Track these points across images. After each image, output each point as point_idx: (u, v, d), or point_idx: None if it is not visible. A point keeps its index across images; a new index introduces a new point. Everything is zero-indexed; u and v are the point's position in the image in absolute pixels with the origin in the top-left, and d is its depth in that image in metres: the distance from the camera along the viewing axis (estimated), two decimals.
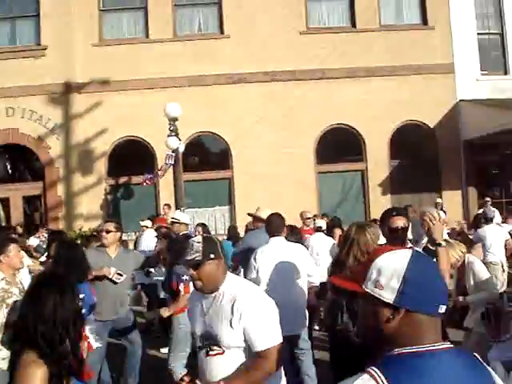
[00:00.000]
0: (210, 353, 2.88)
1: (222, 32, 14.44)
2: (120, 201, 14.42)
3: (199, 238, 2.95)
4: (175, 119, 11.66)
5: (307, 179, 14.01)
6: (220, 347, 2.84)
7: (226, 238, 10.75)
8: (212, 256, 2.86)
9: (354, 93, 14.06)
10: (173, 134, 11.66)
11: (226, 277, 2.96)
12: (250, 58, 14.06)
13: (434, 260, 3.07)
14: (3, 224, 14.29)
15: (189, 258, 2.88)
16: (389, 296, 1.49)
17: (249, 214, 7.47)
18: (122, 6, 14.57)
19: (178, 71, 13.94)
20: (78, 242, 9.61)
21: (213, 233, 12.99)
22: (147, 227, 11.38)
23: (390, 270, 1.51)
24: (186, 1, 14.59)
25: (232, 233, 10.90)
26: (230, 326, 2.80)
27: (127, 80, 13.91)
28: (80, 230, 13.26)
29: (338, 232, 9.24)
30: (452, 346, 1.50)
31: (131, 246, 12.28)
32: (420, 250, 1.67)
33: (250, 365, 2.80)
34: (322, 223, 9.91)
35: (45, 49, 14.04)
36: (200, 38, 14.37)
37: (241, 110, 13.96)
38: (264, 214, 6.49)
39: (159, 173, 12.29)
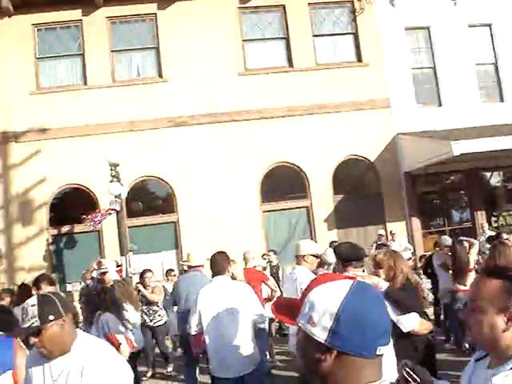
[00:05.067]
0: None
1: (160, 75, 15.54)
2: (63, 250, 15.09)
3: (33, 301, 2.79)
4: (116, 165, 12.55)
5: (253, 218, 15.08)
6: None
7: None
8: (51, 317, 2.73)
9: (295, 131, 15.35)
10: (114, 179, 12.53)
11: (76, 335, 2.87)
12: (190, 101, 15.17)
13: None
14: None
15: (25, 325, 2.74)
16: (320, 335, 1.45)
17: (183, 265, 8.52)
18: (59, 53, 15.51)
19: (118, 116, 14.93)
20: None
21: (160, 278, 13.85)
22: (92, 277, 12.03)
23: (322, 306, 1.46)
24: (123, 46, 15.65)
25: None
26: None
27: (66, 127, 14.79)
28: (23, 283, 13.81)
29: None
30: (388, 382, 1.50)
31: (76, 296, 12.97)
32: (364, 281, 1.60)
33: None
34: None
35: None
36: (139, 83, 15.44)
37: (183, 153, 15.01)
38: (195, 262, 7.62)
39: (100, 217, 12.99)
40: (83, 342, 2.84)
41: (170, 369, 10.04)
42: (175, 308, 9.51)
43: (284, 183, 15.58)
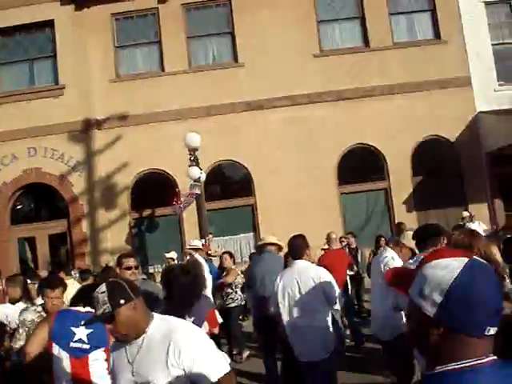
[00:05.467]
0: None
1: (236, 60, 15.66)
2: (145, 234, 15.53)
3: (102, 288, 2.81)
4: (195, 149, 12.75)
5: (330, 201, 15.05)
6: None
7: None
8: (122, 302, 2.75)
9: (372, 112, 15.15)
10: (194, 164, 12.74)
11: (150, 316, 2.89)
12: (266, 84, 15.21)
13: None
14: (30, 263, 15.47)
15: (98, 313, 2.78)
16: (429, 309, 1.47)
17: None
18: (136, 42, 15.88)
19: (195, 102, 15.16)
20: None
21: (238, 260, 14.03)
22: (173, 259, 12.23)
23: (435, 280, 1.47)
24: (198, 32, 15.85)
25: None
26: (167, 368, 2.70)
27: (145, 114, 15.16)
28: (107, 265, 14.30)
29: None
30: (495, 357, 1.47)
31: (158, 278, 13.29)
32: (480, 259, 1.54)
33: None
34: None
35: (63, 88, 15.36)
36: (215, 68, 15.62)
37: (260, 136, 15.10)
38: (267, 241, 7.63)
39: (183, 204, 13.22)
40: (162, 322, 2.85)
41: (245, 354, 9.79)
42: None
43: (362, 165, 15.44)
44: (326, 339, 5.53)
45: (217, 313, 5.80)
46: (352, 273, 10.59)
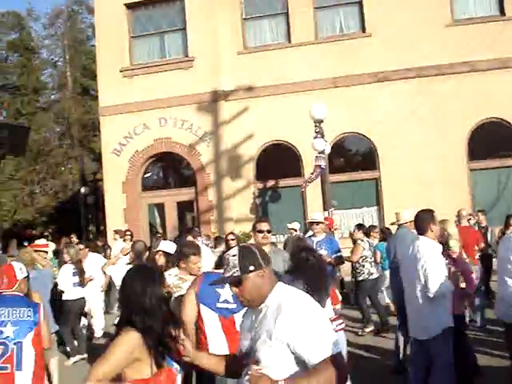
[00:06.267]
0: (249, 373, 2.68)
1: (363, 31, 15.41)
2: (268, 204, 15.83)
3: (234, 251, 2.84)
4: (321, 121, 12.72)
5: (458, 177, 14.57)
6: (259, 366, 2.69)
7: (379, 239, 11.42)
8: (251, 268, 2.76)
9: (506, 84, 14.41)
10: (319, 135, 12.72)
11: (274, 286, 2.85)
12: (394, 55, 14.88)
13: None
14: (159, 228, 16.24)
15: (227, 275, 2.80)
16: None
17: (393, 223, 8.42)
18: (264, 13, 16.00)
19: (321, 73, 15.12)
20: None
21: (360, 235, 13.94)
22: (295, 230, 12.35)
23: None
24: (326, 2, 15.71)
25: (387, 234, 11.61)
26: (270, 339, 2.68)
27: (272, 85, 15.33)
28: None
29: None
30: None
31: (280, 247, 13.50)
32: None
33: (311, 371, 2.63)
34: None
35: (192, 60, 15.80)
36: (342, 39, 15.46)
37: (386, 109, 14.83)
38: (402, 219, 7.47)
39: (313, 176, 13.26)
40: (280, 292, 2.81)
41: (368, 329, 9.67)
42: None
43: (493, 140, 14.77)
44: (429, 320, 5.35)
45: (336, 291, 5.94)
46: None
